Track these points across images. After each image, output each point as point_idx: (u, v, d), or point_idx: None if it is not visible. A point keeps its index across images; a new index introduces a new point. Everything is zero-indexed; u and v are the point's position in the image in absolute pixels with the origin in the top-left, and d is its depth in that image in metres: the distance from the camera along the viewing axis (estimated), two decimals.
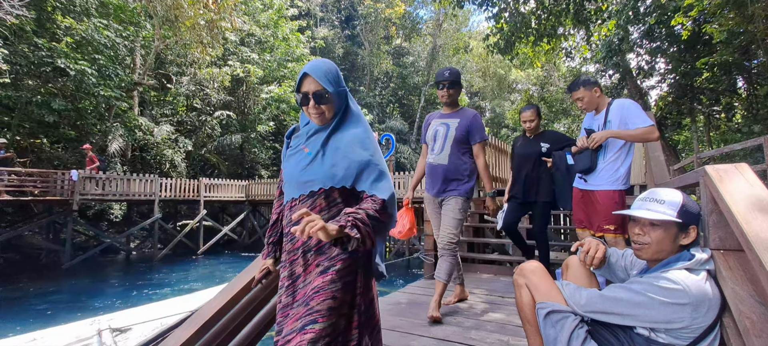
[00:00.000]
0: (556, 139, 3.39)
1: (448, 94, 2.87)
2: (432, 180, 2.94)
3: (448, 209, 2.84)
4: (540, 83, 20.72)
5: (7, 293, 10.34)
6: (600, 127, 2.76)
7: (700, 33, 8.82)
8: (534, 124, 3.39)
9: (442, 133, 2.91)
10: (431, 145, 2.97)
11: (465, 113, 2.91)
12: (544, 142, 3.35)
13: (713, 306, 1.18)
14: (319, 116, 1.32)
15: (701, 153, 9.38)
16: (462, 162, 2.86)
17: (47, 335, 4.96)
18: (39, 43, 12.01)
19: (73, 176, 12.85)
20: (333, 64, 1.38)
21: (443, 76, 2.86)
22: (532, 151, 3.36)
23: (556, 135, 3.47)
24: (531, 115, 3.38)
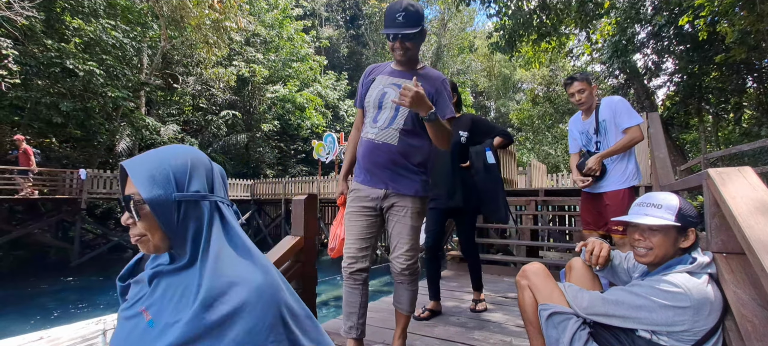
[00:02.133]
0: (476, 126, 2.78)
1: (405, 49, 1.82)
2: (371, 166, 1.89)
3: (401, 216, 1.87)
4: (545, 83, 20.62)
5: (17, 291, 10.48)
6: (594, 129, 2.67)
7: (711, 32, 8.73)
8: None
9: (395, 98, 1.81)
10: (373, 113, 1.90)
11: (430, 76, 1.91)
12: (462, 130, 2.72)
13: (715, 309, 1.18)
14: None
15: (709, 154, 9.28)
16: (418, 144, 1.87)
17: (53, 333, 5.02)
18: (48, 44, 12.15)
19: (81, 175, 13.00)
20: (171, 155, 0.76)
21: (395, 19, 1.74)
22: (453, 141, 2.67)
23: (477, 121, 2.85)
24: None
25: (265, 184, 18.59)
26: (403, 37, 1.76)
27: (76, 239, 13.84)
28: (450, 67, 27.78)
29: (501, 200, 2.70)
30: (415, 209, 1.89)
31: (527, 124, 21.62)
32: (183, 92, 19.28)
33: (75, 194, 13.09)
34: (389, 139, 1.84)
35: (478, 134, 2.77)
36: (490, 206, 2.74)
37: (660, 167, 3.06)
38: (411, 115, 1.82)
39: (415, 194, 1.88)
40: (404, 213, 1.87)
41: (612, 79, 14.27)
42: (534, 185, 10.80)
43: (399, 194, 1.86)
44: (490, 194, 2.68)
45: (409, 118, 1.82)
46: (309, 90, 22.17)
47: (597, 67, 16.52)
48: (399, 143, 1.83)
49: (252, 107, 21.30)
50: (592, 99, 2.72)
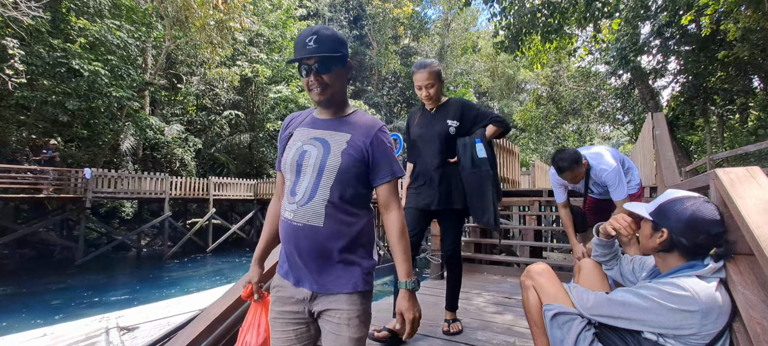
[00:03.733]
0: (466, 113, 2.39)
1: (322, 86, 1.26)
2: (291, 255, 1.32)
3: (334, 325, 1.27)
4: (549, 83, 20.54)
5: (22, 288, 10.56)
6: (582, 187, 2.73)
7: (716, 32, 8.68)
8: (432, 91, 2.32)
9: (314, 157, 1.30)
10: (291, 181, 1.32)
11: (361, 124, 1.33)
12: (451, 119, 2.35)
13: (723, 313, 1.16)
14: None
15: (714, 154, 9.21)
16: (353, 221, 1.30)
17: (57, 330, 5.05)
18: (54, 44, 12.24)
19: (86, 174, 13.09)
20: None
21: (305, 45, 1.22)
22: (434, 131, 2.36)
23: (467, 107, 2.43)
24: (427, 78, 2.29)
25: (268, 184, 18.64)
26: (318, 67, 1.22)
27: (81, 237, 13.94)
28: (453, 67, 27.76)
29: (490, 200, 2.27)
30: (356, 313, 1.27)
31: (530, 125, 21.54)
32: (187, 92, 19.37)
33: (80, 193, 13.18)
34: (312, 220, 1.25)
35: (469, 123, 2.39)
36: (476, 206, 2.31)
37: (665, 168, 3.04)
38: (341, 181, 1.24)
39: (354, 289, 1.27)
40: (339, 321, 1.26)
41: (616, 80, 14.21)
42: (537, 186, 10.76)
43: (330, 294, 1.27)
44: (477, 192, 2.29)
45: (338, 185, 1.23)
46: None
47: (601, 67, 16.45)
48: (326, 224, 1.25)
49: (255, 107, 21.37)
50: (580, 176, 2.58)
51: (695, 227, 1.24)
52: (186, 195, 16.19)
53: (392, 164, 1.31)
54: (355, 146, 1.27)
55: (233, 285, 1.99)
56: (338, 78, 1.29)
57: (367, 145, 1.28)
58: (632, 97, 14.18)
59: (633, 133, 16.43)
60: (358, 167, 1.26)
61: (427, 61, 2.31)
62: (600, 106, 18.80)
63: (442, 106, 2.41)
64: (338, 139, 1.28)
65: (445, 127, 2.34)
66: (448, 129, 2.34)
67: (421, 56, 28.21)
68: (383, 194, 1.30)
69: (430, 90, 2.31)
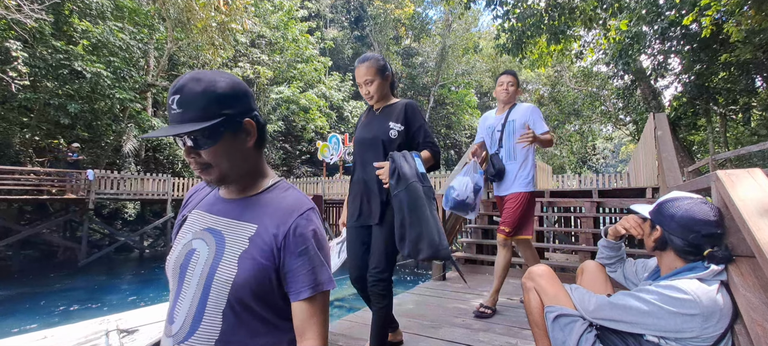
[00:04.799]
0: (412, 118, 2.02)
1: (200, 166, 0.86)
2: None
3: None
4: (551, 83, 20.51)
5: (25, 289, 10.60)
6: (501, 125, 2.93)
7: (718, 32, 8.65)
8: (372, 88, 2.00)
9: (201, 261, 0.98)
10: (174, 290, 0.88)
11: (280, 209, 0.89)
12: (394, 121, 1.98)
13: (725, 316, 1.16)
14: None
15: (717, 155, 9.19)
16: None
17: (57, 333, 5.06)
18: (57, 46, 12.30)
19: (89, 176, 13.15)
20: None
21: (171, 109, 0.81)
22: (374, 134, 2.01)
23: (413, 111, 2.03)
24: (365, 73, 1.98)
25: None
26: (192, 141, 0.82)
27: (84, 238, 13.98)
28: (454, 67, 27.75)
29: (438, 223, 1.71)
30: None
31: None
32: None
33: (82, 194, 13.24)
34: None
35: (413, 130, 2.01)
36: (406, 232, 1.71)
37: (667, 169, 3.04)
38: (238, 300, 0.81)
39: None
40: None
41: (618, 80, 14.17)
42: (539, 186, 10.76)
43: None
44: (423, 213, 1.69)
45: (233, 308, 0.81)
46: (313, 91, 22.25)
47: (603, 67, 16.41)
48: None
49: (257, 108, 21.42)
50: (514, 98, 2.96)
51: (686, 226, 1.26)
52: None
53: (316, 272, 0.84)
54: (260, 245, 0.83)
55: None
56: (229, 149, 0.84)
57: (278, 243, 0.83)
58: (634, 97, 14.14)
59: (635, 133, 16.39)
60: (261, 279, 0.82)
61: (369, 55, 2.03)
62: (602, 107, 18.76)
63: (388, 108, 2.07)
64: (238, 233, 0.85)
65: (386, 130, 1.99)
66: (388, 132, 1.97)
67: (423, 57, 28.25)
68: (299, 314, 0.84)
69: (370, 87, 2.00)
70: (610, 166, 41.72)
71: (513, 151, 2.87)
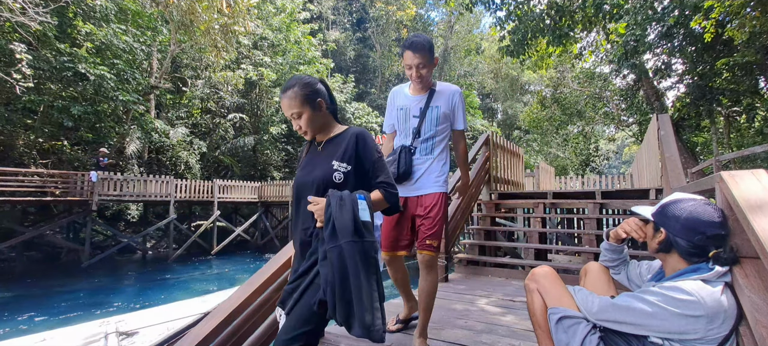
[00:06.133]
0: (365, 153, 1.55)
1: None
2: None
3: None
4: (553, 84, 20.47)
5: (30, 291, 10.65)
6: (419, 111, 2.27)
7: (721, 33, 8.62)
8: (303, 121, 1.55)
9: None
10: None
11: None
12: (341, 160, 1.52)
13: (729, 317, 1.16)
14: None
15: (720, 156, 9.14)
16: None
17: (57, 335, 5.07)
18: (61, 48, 12.38)
19: (92, 177, 13.22)
20: None
21: None
22: (314, 179, 1.54)
23: (367, 146, 1.56)
24: (292, 103, 1.52)
25: (272, 186, 18.71)
26: None
27: (87, 240, 14.05)
28: (457, 69, 27.76)
29: (373, 293, 1.32)
30: None
31: (535, 126, 21.49)
32: (192, 95, 19.50)
33: (86, 196, 13.30)
34: None
35: (366, 167, 1.55)
36: (347, 300, 1.30)
37: (671, 170, 3.02)
38: None
39: None
40: None
41: (621, 81, 14.14)
42: (542, 188, 10.74)
43: None
44: (352, 278, 1.30)
45: None
46: None
47: (606, 68, 16.38)
48: None
49: (260, 110, 21.48)
50: (430, 77, 2.26)
51: (692, 227, 1.25)
52: (191, 198, 16.29)
53: None
54: None
55: (239, 287, 2.00)
56: None
57: None
58: (637, 98, 14.10)
59: (638, 134, 16.33)
60: None
61: (291, 82, 1.55)
62: (604, 108, 18.71)
63: (333, 141, 1.60)
64: None
65: (328, 172, 1.50)
66: (332, 174, 1.49)
67: None
68: None
69: (299, 122, 1.55)
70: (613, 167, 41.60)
71: (432, 145, 2.25)
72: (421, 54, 2.11)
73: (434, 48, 2.18)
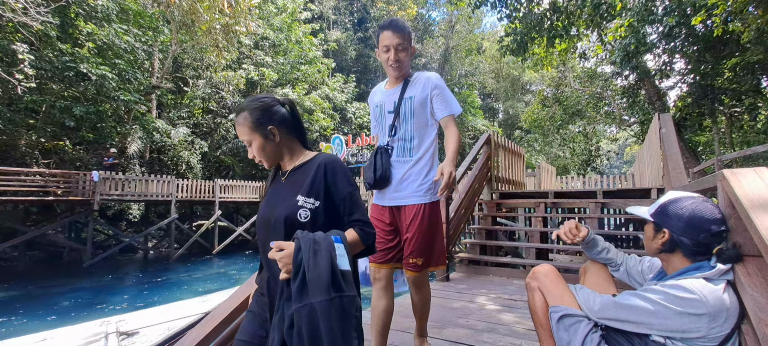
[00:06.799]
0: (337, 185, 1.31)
1: None
2: None
3: None
4: (554, 84, 20.44)
5: (32, 290, 10.68)
6: (393, 105, 1.96)
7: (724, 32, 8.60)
8: (256, 147, 1.33)
9: None
10: None
11: None
12: (307, 195, 1.27)
13: (731, 315, 1.15)
14: None
15: (723, 156, 9.12)
16: None
17: (58, 335, 5.07)
18: (63, 48, 12.40)
19: (94, 177, 13.25)
20: None
21: None
22: (277, 216, 1.27)
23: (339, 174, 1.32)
24: (242, 129, 1.32)
25: None
26: None
27: (89, 239, 14.08)
28: (458, 69, 27.75)
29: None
30: None
31: (536, 126, 21.47)
32: (193, 95, 19.53)
33: (88, 196, 13.33)
34: None
35: (336, 203, 1.30)
36: None
37: (673, 168, 3.02)
38: None
39: None
40: None
41: (622, 80, 14.11)
42: (543, 187, 10.73)
43: None
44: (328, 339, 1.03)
45: None
46: (317, 93, 22.32)
47: (607, 68, 16.36)
48: None
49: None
50: (408, 65, 1.95)
51: (696, 225, 1.25)
52: (192, 197, 16.32)
53: None
54: None
55: (239, 287, 2.00)
56: None
57: None
58: (639, 98, 14.08)
59: (640, 134, 16.31)
60: None
61: (245, 104, 1.33)
62: (606, 107, 18.68)
63: (299, 170, 1.35)
64: None
65: (292, 208, 1.25)
66: (296, 212, 1.24)
67: (426, 59, 28.23)
68: None
69: (252, 150, 1.34)
70: (615, 167, 41.54)
71: (411, 144, 1.93)
72: (402, 34, 1.85)
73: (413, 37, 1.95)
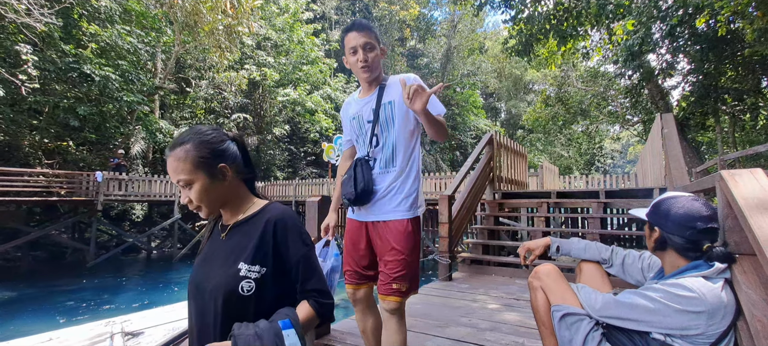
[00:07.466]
0: (289, 246, 1.08)
1: None
2: None
3: None
4: (557, 83, 20.42)
5: (35, 290, 10.75)
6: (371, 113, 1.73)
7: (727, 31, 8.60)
8: (195, 192, 1.05)
9: None
10: None
11: None
12: (250, 262, 1.04)
13: (728, 313, 1.18)
14: None
15: (725, 155, 9.11)
16: None
17: (63, 335, 5.12)
18: (66, 49, 12.48)
19: (97, 178, 13.33)
20: None
21: None
22: (215, 284, 1.04)
23: (283, 232, 1.09)
24: (178, 166, 1.04)
25: (275, 186, 18.78)
26: None
27: (92, 240, 14.16)
28: (460, 68, 27.74)
29: None
30: None
31: (539, 126, 21.45)
32: (195, 96, 19.60)
33: (91, 196, 13.40)
34: None
35: (288, 270, 1.09)
36: None
37: (674, 168, 3.04)
38: None
39: None
40: None
41: (625, 79, 14.10)
42: (546, 187, 10.72)
43: None
44: None
45: None
46: (319, 93, 22.36)
47: (610, 67, 16.34)
48: None
49: (263, 110, 21.57)
50: (380, 66, 1.74)
51: (682, 222, 1.29)
52: None
53: None
54: None
55: None
56: None
57: None
58: (642, 97, 14.06)
59: (643, 133, 16.29)
60: None
61: (190, 134, 1.08)
62: (609, 107, 18.66)
63: (243, 226, 1.12)
64: None
65: (232, 279, 1.03)
66: (237, 284, 1.01)
67: (428, 58, 28.23)
68: None
69: (189, 193, 1.06)
70: (618, 166, 41.42)
71: (393, 153, 1.70)
72: (367, 33, 1.63)
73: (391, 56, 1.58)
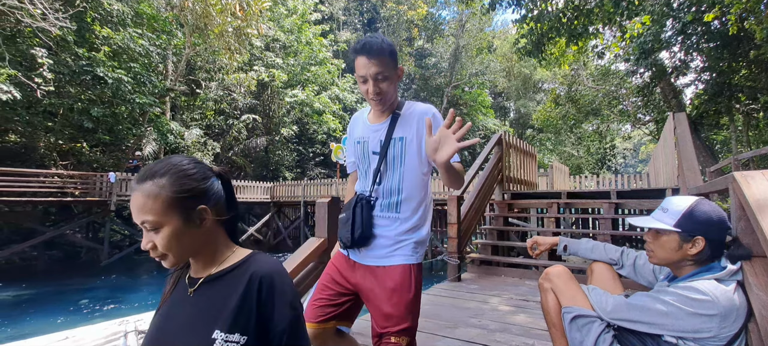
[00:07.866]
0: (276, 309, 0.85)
1: None
2: None
3: None
4: (567, 82, 20.20)
5: (51, 289, 10.97)
6: (379, 144, 1.48)
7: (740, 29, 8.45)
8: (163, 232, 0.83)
9: None
10: None
11: None
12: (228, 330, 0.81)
13: (740, 315, 1.18)
14: None
15: (739, 154, 8.94)
16: None
17: (78, 334, 5.22)
18: (80, 52, 12.71)
19: (110, 178, 13.56)
20: None
21: None
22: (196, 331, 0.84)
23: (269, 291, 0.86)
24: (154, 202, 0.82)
25: (284, 186, 18.91)
26: None
27: (106, 239, 14.40)
28: (468, 68, 27.61)
29: None
30: None
31: (549, 125, 21.27)
32: (205, 97, 19.82)
33: (105, 197, 13.64)
34: None
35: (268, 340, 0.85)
36: None
37: (687, 169, 2.99)
38: None
39: None
40: None
41: (637, 78, 13.92)
42: (556, 187, 10.63)
43: None
44: None
45: None
46: (327, 93, 22.44)
47: (621, 66, 16.13)
48: None
49: (271, 111, 21.73)
50: (395, 93, 1.48)
51: (722, 226, 1.28)
52: None
53: None
54: None
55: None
56: None
57: None
58: (654, 96, 13.86)
59: (655, 132, 16.05)
60: None
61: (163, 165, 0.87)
62: (620, 106, 18.42)
63: (218, 282, 0.91)
64: None
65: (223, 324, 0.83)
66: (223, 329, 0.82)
67: (436, 58, 28.13)
68: None
69: (155, 237, 0.85)
70: (630, 166, 40.88)
71: (399, 197, 1.44)
72: (380, 60, 1.35)
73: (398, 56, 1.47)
